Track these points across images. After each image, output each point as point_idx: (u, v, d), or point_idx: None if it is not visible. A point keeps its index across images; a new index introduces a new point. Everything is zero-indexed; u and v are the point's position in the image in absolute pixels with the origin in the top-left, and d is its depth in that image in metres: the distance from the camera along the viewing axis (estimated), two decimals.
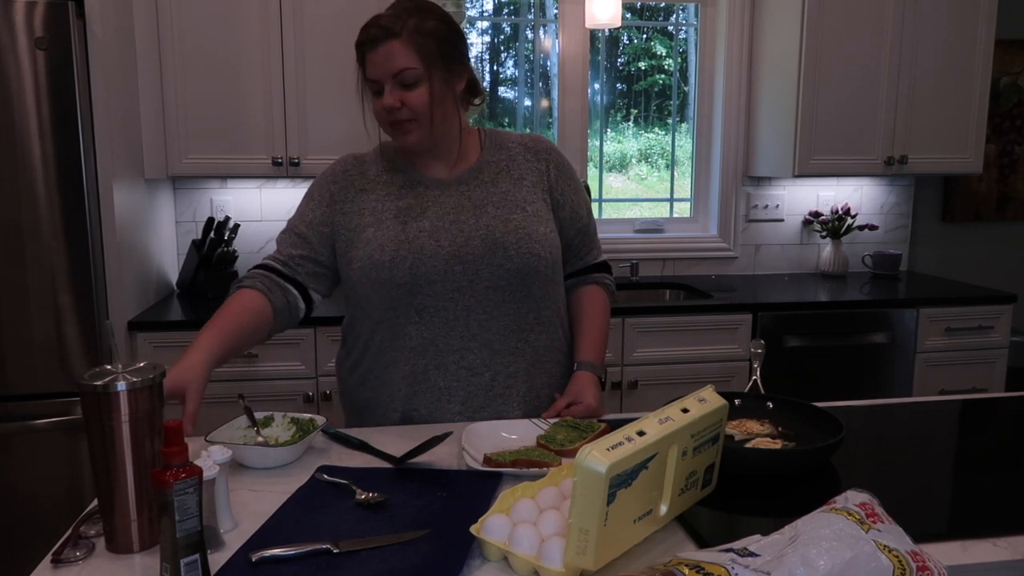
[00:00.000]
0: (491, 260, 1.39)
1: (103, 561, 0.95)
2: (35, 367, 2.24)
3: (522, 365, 1.44)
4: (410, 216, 1.42)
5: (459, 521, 0.99)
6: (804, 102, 2.91)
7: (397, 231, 1.40)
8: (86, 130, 2.23)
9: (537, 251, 1.42)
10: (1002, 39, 3.26)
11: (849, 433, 1.34)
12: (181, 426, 0.86)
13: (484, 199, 1.44)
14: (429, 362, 1.41)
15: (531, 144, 1.52)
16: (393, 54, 1.33)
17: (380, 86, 1.36)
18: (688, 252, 3.32)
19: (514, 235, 1.41)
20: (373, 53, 1.35)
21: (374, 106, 1.39)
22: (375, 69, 1.36)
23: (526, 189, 1.47)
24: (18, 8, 2.11)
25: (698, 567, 0.76)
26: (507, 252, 1.39)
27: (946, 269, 3.53)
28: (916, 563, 0.79)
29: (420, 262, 1.37)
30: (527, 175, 1.48)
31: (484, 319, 1.41)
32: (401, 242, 1.38)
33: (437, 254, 1.38)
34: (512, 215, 1.43)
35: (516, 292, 1.42)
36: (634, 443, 0.88)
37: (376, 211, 1.43)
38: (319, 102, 2.67)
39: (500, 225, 1.41)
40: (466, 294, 1.40)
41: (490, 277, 1.39)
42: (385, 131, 1.42)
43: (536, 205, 1.46)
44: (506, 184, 1.46)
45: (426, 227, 1.40)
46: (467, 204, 1.43)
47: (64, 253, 2.22)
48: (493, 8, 3.40)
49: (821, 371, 2.79)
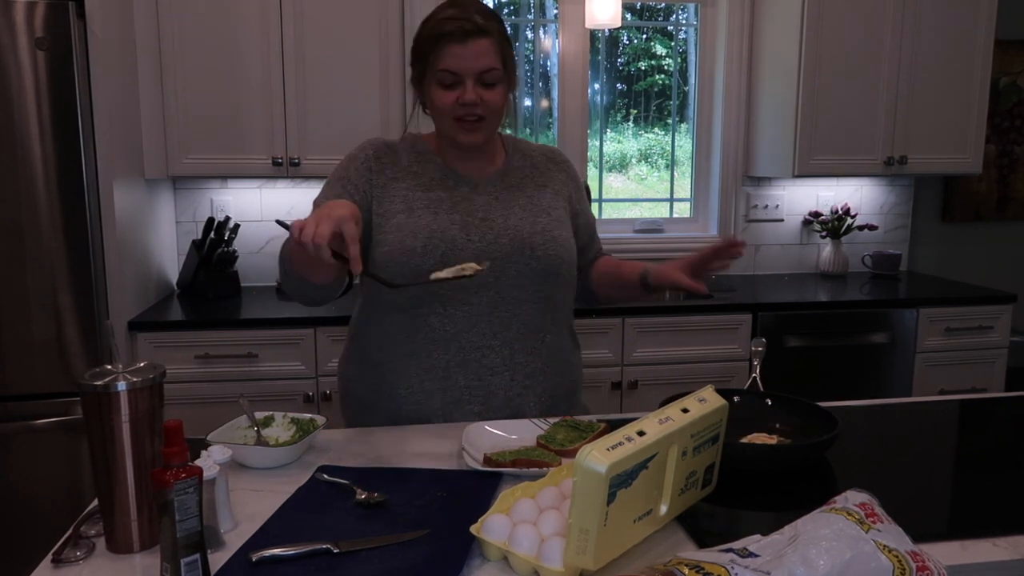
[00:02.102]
0: (518, 259, 1.42)
1: (103, 561, 0.95)
2: (35, 367, 2.24)
3: (539, 365, 1.46)
4: (441, 208, 1.43)
5: (459, 521, 0.99)
6: (804, 102, 2.91)
7: (429, 220, 1.41)
8: (86, 130, 2.23)
9: (561, 254, 1.46)
10: (1002, 39, 3.26)
11: (849, 433, 1.34)
12: (181, 426, 0.86)
13: (512, 201, 1.48)
14: (452, 359, 1.41)
15: (551, 155, 1.59)
16: (483, 51, 1.35)
17: (457, 79, 1.36)
18: (688, 252, 3.32)
19: (541, 236, 1.45)
20: (461, 46, 1.34)
21: (441, 98, 1.38)
22: (459, 62, 1.35)
23: (549, 196, 1.52)
24: (18, 8, 2.11)
25: (698, 567, 0.77)
26: (534, 252, 1.43)
27: (946, 269, 3.53)
28: (916, 563, 0.79)
29: (451, 252, 1.38)
30: (549, 183, 1.54)
31: (506, 317, 1.42)
32: (434, 231, 1.39)
33: (467, 247, 1.40)
34: (539, 218, 1.47)
35: (538, 292, 1.45)
36: (634, 443, 0.88)
37: (407, 199, 1.43)
38: (319, 102, 2.67)
39: (527, 226, 1.45)
40: (491, 290, 1.41)
41: (516, 275, 1.42)
42: (446, 127, 1.41)
43: (559, 212, 1.51)
44: (531, 189, 1.51)
45: (457, 220, 1.42)
46: (496, 204, 1.46)
47: (64, 253, 2.22)
48: (493, 8, 3.40)
49: (821, 371, 2.79)
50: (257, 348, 2.46)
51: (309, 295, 1.38)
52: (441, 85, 1.37)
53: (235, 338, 2.45)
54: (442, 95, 1.38)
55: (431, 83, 1.39)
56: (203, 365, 2.43)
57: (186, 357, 2.43)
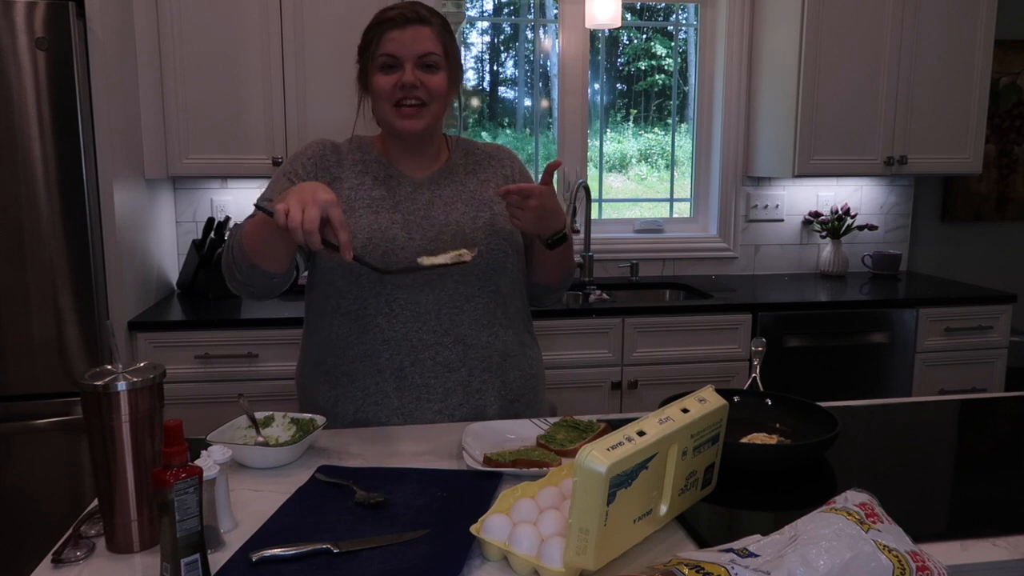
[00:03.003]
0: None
1: (103, 561, 0.95)
2: (35, 367, 2.24)
3: (495, 360, 1.46)
4: (382, 207, 1.43)
5: (459, 521, 0.99)
6: (804, 102, 2.91)
7: (370, 220, 1.41)
8: (86, 130, 2.23)
9: (504, 248, 1.46)
10: (1002, 39, 3.26)
11: (849, 433, 1.34)
12: (181, 426, 0.86)
13: (454, 197, 1.48)
14: (405, 358, 1.41)
15: (495, 152, 1.59)
16: (422, 37, 1.37)
17: (397, 63, 1.37)
18: (688, 252, 3.33)
19: (483, 231, 1.44)
20: (400, 31, 1.37)
21: (380, 83, 1.39)
22: (398, 46, 1.37)
23: (492, 191, 1.51)
24: (18, 8, 2.11)
25: (698, 567, 0.77)
26: (476, 248, 1.40)
27: (946, 269, 3.53)
28: (916, 563, 0.79)
29: (392, 252, 1.38)
30: (492, 178, 1.53)
31: (455, 313, 1.42)
32: (374, 231, 1.39)
33: (408, 246, 1.39)
34: (480, 213, 1.47)
35: (484, 287, 1.44)
36: (634, 443, 0.88)
37: (349, 199, 1.43)
38: (319, 102, 2.67)
39: (469, 222, 1.45)
40: (436, 288, 1.41)
41: (459, 272, 1.41)
42: (385, 113, 1.42)
43: (501, 206, 1.48)
44: (473, 185, 1.51)
45: (398, 219, 1.42)
46: (437, 201, 1.46)
47: (64, 253, 2.22)
48: (493, 8, 3.40)
49: (821, 371, 2.79)
50: (257, 348, 2.46)
51: (255, 285, 1.33)
52: (381, 70, 1.39)
53: (235, 338, 2.45)
54: (382, 79, 1.39)
55: (373, 71, 1.40)
56: (203, 365, 2.44)
57: (186, 357, 2.43)
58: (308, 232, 1.10)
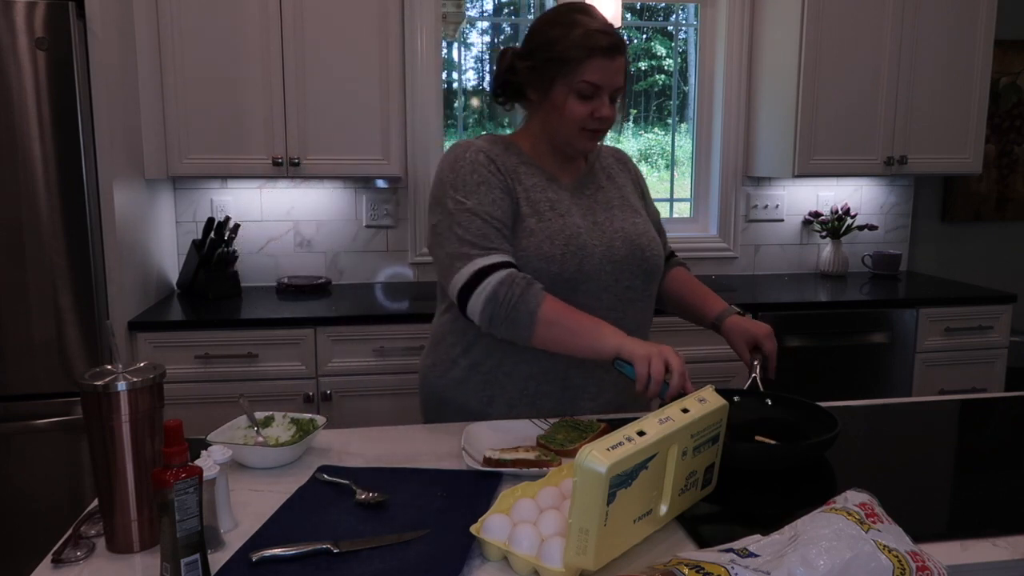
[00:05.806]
0: (631, 261, 1.44)
1: (103, 561, 0.95)
2: (35, 367, 2.24)
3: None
4: (559, 212, 1.42)
5: (459, 521, 1.00)
6: (804, 102, 2.91)
7: (560, 224, 1.40)
8: (86, 130, 2.23)
9: (659, 253, 1.50)
10: (1002, 39, 3.26)
11: (849, 433, 1.34)
12: (181, 426, 0.86)
13: (607, 201, 1.49)
14: (571, 360, 1.41)
15: (617, 155, 1.61)
16: (622, 69, 1.39)
17: (597, 92, 1.36)
18: (688, 252, 3.32)
19: (644, 238, 1.47)
20: (612, 61, 1.36)
21: (575, 109, 1.37)
22: (606, 76, 1.36)
23: (630, 194, 1.53)
24: (18, 8, 2.11)
25: (698, 567, 0.77)
26: (644, 254, 1.45)
27: (946, 269, 3.53)
28: (916, 563, 0.79)
29: (586, 259, 1.39)
30: (625, 183, 1.56)
31: (619, 318, 1.41)
32: (569, 236, 1.39)
33: (595, 253, 1.41)
34: (635, 218, 1.49)
35: (643, 292, 1.48)
36: (634, 443, 0.88)
37: (530, 201, 1.41)
38: (319, 102, 2.67)
39: (631, 228, 1.46)
40: (610, 293, 1.43)
41: (629, 278, 1.44)
42: (568, 133, 1.40)
43: (643, 210, 1.53)
44: (614, 189, 1.52)
45: (580, 224, 1.42)
46: (596, 207, 1.47)
47: (64, 253, 2.22)
48: (493, 8, 3.40)
49: (821, 371, 2.79)
50: (257, 348, 2.46)
51: (520, 341, 1.34)
52: (579, 96, 1.37)
53: (235, 338, 2.45)
54: (577, 106, 1.37)
55: (566, 91, 1.37)
56: (203, 365, 2.44)
57: (186, 357, 2.43)
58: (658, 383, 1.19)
